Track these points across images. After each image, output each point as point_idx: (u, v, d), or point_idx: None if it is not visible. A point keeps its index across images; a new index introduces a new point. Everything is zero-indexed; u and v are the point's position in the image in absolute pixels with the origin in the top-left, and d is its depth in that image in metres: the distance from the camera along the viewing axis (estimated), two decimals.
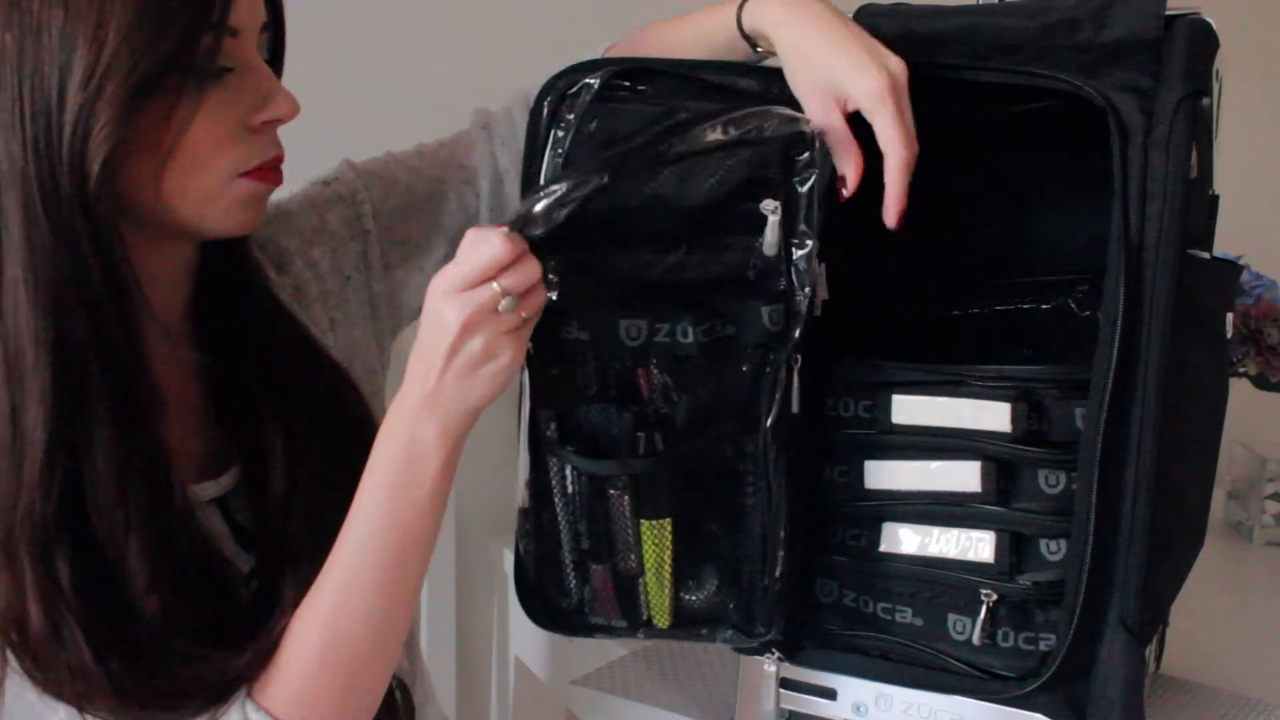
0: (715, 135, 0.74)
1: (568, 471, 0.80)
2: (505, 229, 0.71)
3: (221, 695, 0.74)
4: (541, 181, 0.78)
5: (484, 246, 0.70)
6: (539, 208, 0.70)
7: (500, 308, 0.71)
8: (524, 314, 0.73)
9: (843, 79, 0.76)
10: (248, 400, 0.82)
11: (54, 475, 0.70)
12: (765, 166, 0.76)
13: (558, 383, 0.79)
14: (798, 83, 0.78)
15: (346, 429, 0.84)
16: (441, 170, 0.96)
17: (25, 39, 0.67)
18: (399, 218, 0.94)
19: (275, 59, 0.79)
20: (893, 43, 0.85)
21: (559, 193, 0.70)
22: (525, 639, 1.42)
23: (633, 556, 0.80)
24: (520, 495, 0.82)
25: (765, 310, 0.78)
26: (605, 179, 0.71)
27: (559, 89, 0.79)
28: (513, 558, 1.02)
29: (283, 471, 0.81)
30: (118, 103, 0.67)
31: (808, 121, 0.76)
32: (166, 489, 0.74)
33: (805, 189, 0.76)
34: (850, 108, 0.76)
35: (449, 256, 0.94)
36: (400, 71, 1.36)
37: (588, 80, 0.78)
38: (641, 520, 0.79)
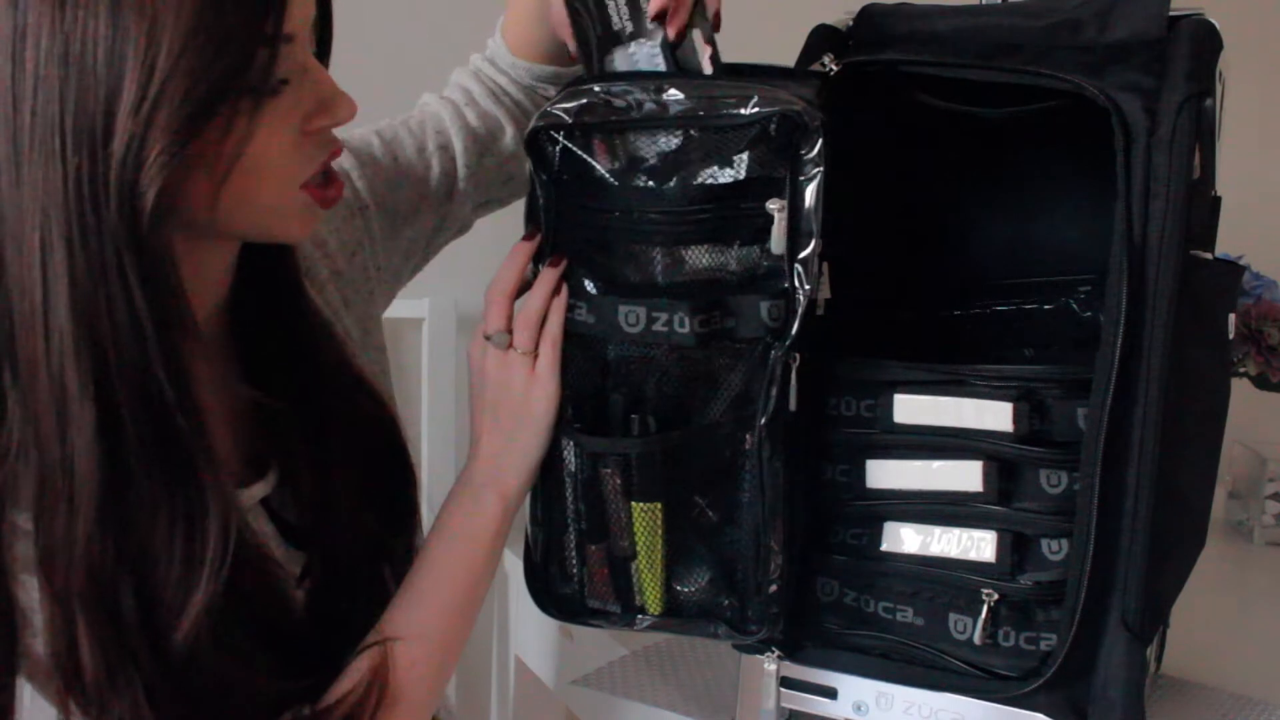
0: (684, 107, 0.75)
1: (571, 451, 0.82)
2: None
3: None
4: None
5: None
6: None
7: (494, 343, 0.78)
8: (520, 349, 0.79)
9: None
10: (279, 396, 0.81)
11: (109, 521, 0.67)
12: (772, 166, 0.76)
13: (567, 364, 0.81)
14: None
15: (368, 427, 0.85)
16: (420, 139, 0.96)
17: (68, 61, 0.62)
18: (390, 189, 0.94)
19: (322, 50, 0.76)
20: (895, 43, 0.86)
21: None
22: (525, 639, 1.42)
23: (625, 539, 0.81)
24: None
25: (764, 305, 0.78)
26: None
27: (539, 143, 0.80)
28: (513, 558, 1.02)
29: (313, 471, 0.80)
30: (171, 131, 0.63)
31: (793, 101, 0.75)
32: (225, 526, 0.70)
33: (810, 188, 0.76)
34: None
35: (436, 228, 0.98)
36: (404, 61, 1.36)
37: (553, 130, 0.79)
38: (633, 503, 0.81)
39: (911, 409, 0.81)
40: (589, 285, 0.81)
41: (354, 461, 0.82)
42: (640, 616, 0.83)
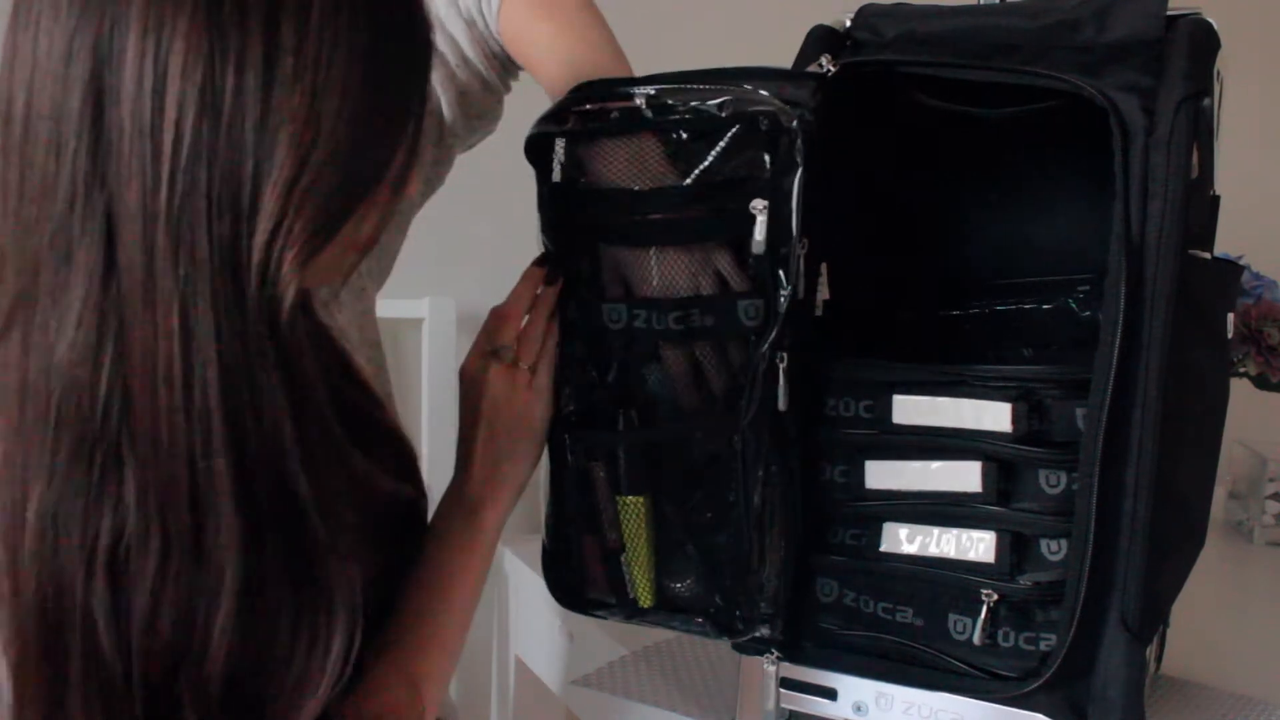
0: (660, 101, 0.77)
1: (568, 445, 0.84)
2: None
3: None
4: None
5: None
6: None
7: (500, 357, 0.80)
8: (524, 363, 0.80)
9: None
10: None
11: (244, 620, 0.62)
12: (753, 166, 0.77)
13: (565, 360, 0.84)
14: None
15: (359, 422, 0.82)
16: None
17: (218, 117, 0.57)
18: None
19: None
20: (893, 43, 0.86)
21: None
22: (525, 639, 1.43)
23: (614, 531, 0.83)
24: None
25: (742, 304, 0.78)
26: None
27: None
28: (513, 558, 1.02)
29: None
30: (318, 222, 0.59)
31: (770, 102, 0.76)
32: (351, 632, 0.67)
33: (792, 188, 0.77)
34: None
35: (422, 197, 0.96)
36: None
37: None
38: (619, 496, 0.82)
39: (910, 409, 0.81)
40: (576, 282, 0.83)
41: (354, 479, 0.79)
42: (634, 611, 0.85)
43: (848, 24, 0.88)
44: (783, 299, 0.77)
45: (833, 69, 0.81)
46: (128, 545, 0.62)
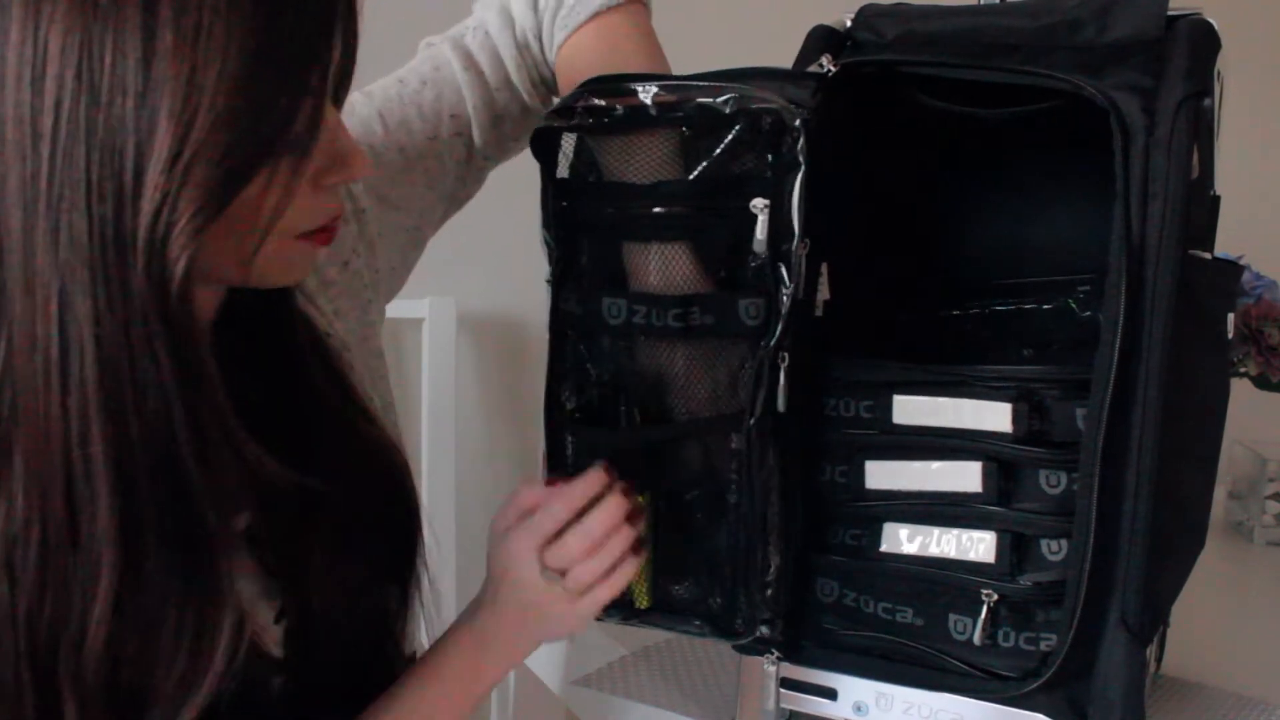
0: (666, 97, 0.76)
1: (569, 442, 0.83)
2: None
3: None
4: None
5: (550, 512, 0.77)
6: None
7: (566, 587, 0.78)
8: (570, 585, 0.78)
9: None
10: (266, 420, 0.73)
11: (122, 611, 0.62)
12: (755, 164, 0.77)
13: (567, 356, 0.83)
14: None
15: (366, 455, 0.81)
16: (433, 125, 0.89)
17: (96, 97, 0.56)
18: (393, 184, 0.89)
19: (340, 88, 0.68)
20: (893, 43, 0.86)
21: None
22: None
23: None
24: (541, 470, 0.86)
25: (743, 303, 0.78)
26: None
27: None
28: None
29: (295, 505, 0.74)
30: (206, 193, 0.58)
31: (774, 100, 0.76)
32: (239, 628, 0.66)
33: (794, 187, 0.77)
34: None
35: (447, 212, 0.94)
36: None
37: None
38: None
39: (910, 410, 0.81)
40: (576, 276, 0.83)
41: (343, 494, 0.77)
42: (632, 610, 0.84)
43: (848, 24, 0.88)
44: (784, 299, 0.77)
45: (833, 69, 0.81)
46: (13, 537, 0.61)
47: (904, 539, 0.83)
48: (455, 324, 1.51)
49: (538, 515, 0.79)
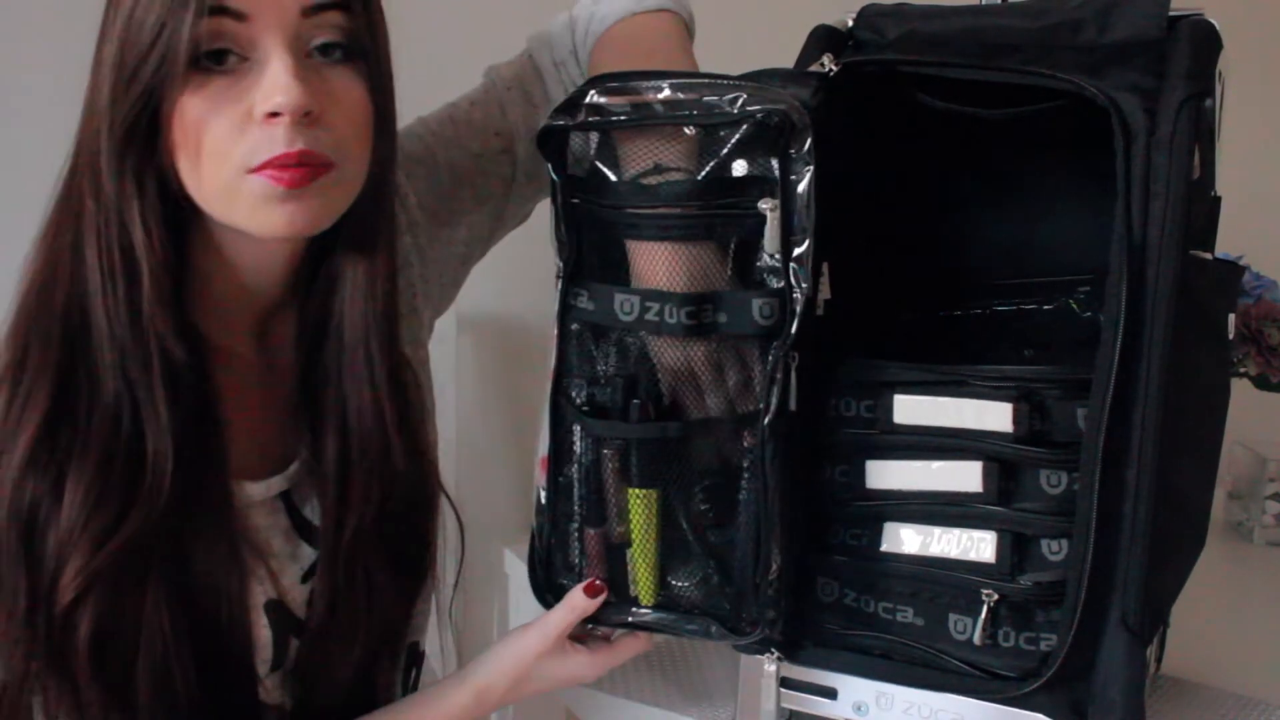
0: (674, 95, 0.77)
1: (577, 436, 0.83)
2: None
3: None
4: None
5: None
6: None
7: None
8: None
9: None
10: (315, 392, 0.83)
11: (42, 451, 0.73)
12: (763, 165, 0.77)
13: (576, 351, 0.83)
14: None
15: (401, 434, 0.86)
16: (480, 142, 0.95)
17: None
18: (442, 200, 0.94)
19: (377, 87, 0.77)
20: (895, 43, 0.86)
21: None
22: None
23: (621, 524, 0.82)
24: (536, 474, 0.86)
25: (757, 303, 0.78)
26: None
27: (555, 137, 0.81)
28: (512, 557, 1.02)
29: (334, 470, 0.82)
30: (133, 92, 0.70)
31: (782, 99, 0.76)
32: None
33: (802, 187, 0.77)
34: None
35: (494, 231, 0.99)
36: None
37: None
38: (630, 488, 0.81)
39: (911, 409, 0.81)
40: (588, 273, 0.83)
41: (375, 479, 0.83)
42: (634, 609, 0.84)
43: (850, 24, 0.88)
44: (797, 298, 0.77)
45: (834, 69, 0.81)
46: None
47: (905, 539, 0.83)
48: (455, 324, 1.51)
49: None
